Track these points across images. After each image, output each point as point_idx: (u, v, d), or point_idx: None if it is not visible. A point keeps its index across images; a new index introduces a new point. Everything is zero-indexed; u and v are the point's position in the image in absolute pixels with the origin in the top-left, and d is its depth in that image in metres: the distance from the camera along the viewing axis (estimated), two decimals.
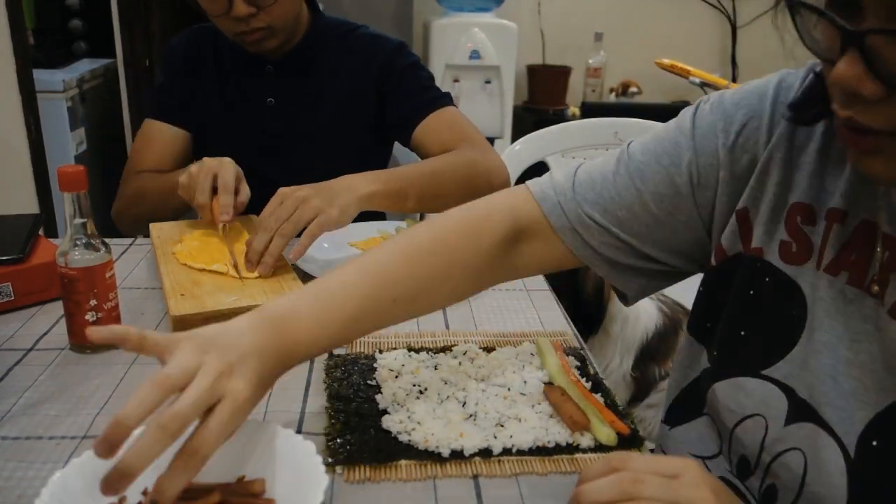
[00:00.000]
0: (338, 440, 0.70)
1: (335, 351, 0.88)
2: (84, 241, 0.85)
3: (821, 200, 0.64)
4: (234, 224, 1.17)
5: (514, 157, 1.59)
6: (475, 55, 2.85)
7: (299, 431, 0.73)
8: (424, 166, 1.23)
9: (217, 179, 1.09)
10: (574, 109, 3.14)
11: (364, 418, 0.74)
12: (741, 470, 0.71)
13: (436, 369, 0.83)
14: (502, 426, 0.73)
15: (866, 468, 0.59)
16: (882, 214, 0.60)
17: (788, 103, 0.66)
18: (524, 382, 0.80)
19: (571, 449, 0.71)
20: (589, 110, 3.00)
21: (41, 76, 2.44)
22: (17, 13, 2.17)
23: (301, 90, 1.37)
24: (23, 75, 2.20)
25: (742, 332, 0.70)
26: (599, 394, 0.79)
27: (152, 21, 2.83)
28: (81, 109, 2.81)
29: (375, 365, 0.84)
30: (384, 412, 0.75)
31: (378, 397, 0.77)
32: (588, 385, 0.81)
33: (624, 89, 3.21)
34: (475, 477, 0.68)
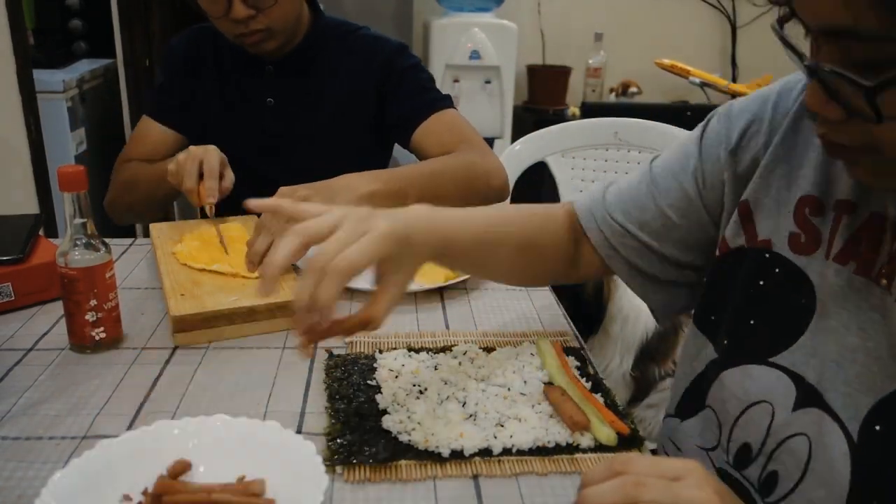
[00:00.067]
0: (338, 440, 0.70)
1: (335, 351, 0.88)
2: (84, 241, 0.85)
3: (828, 192, 0.67)
4: (236, 225, 1.19)
5: (514, 158, 1.59)
6: (475, 55, 2.85)
7: (299, 431, 0.73)
8: (424, 167, 1.23)
9: (203, 165, 1.14)
10: (574, 109, 3.14)
11: (364, 418, 0.74)
12: (740, 459, 0.71)
13: (436, 369, 0.83)
14: (502, 426, 0.73)
15: (869, 452, 0.60)
16: (891, 205, 0.62)
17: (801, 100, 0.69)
18: (524, 382, 0.81)
19: (571, 449, 0.71)
20: (589, 110, 3.00)
21: (41, 76, 2.44)
22: (17, 13, 2.17)
23: (301, 90, 1.37)
24: (23, 75, 2.20)
25: (751, 322, 0.72)
26: (599, 394, 0.79)
27: (152, 21, 2.82)
28: (81, 109, 2.81)
29: (375, 365, 0.84)
30: (384, 412, 0.75)
31: (378, 397, 0.77)
32: (588, 385, 0.81)
33: (624, 89, 3.21)
34: (475, 477, 0.68)
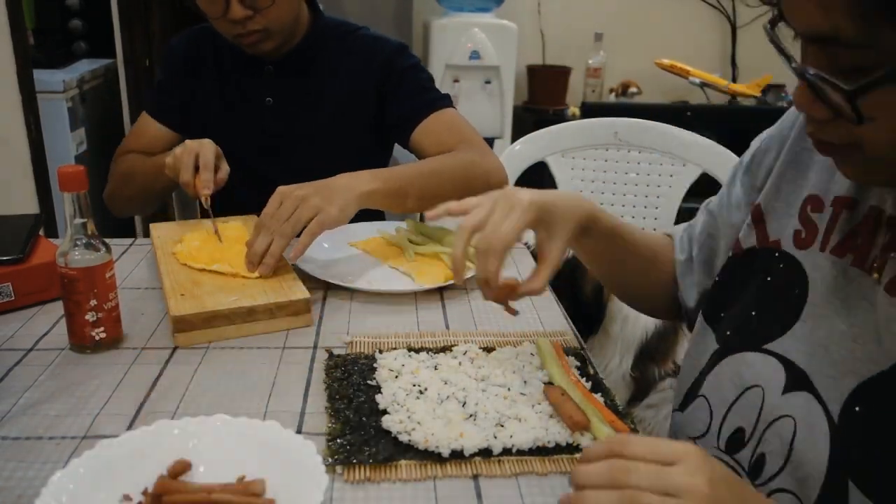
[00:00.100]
0: (338, 440, 0.70)
1: (335, 351, 0.88)
2: (84, 241, 0.85)
3: (829, 190, 0.71)
4: (236, 224, 1.19)
5: (514, 158, 1.59)
6: (475, 55, 2.85)
7: (299, 431, 0.73)
8: (423, 166, 1.23)
9: (199, 158, 1.16)
10: (574, 109, 3.14)
11: (364, 418, 0.74)
12: (734, 444, 0.73)
13: (436, 369, 0.83)
14: (502, 426, 0.73)
15: (848, 433, 0.62)
16: (889, 199, 0.64)
17: None
18: (524, 382, 0.81)
19: (571, 449, 0.71)
20: (589, 110, 3.00)
21: (41, 76, 2.44)
22: (17, 13, 2.17)
23: (301, 90, 1.37)
24: (23, 75, 2.20)
25: (753, 313, 0.76)
26: (599, 394, 0.79)
27: (152, 21, 2.82)
28: (81, 109, 2.81)
29: (375, 365, 0.84)
30: (384, 412, 0.75)
31: (378, 397, 0.77)
32: (588, 385, 0.81)
33: (624, 89, 3.21)
34: (475, 477, 0.68)
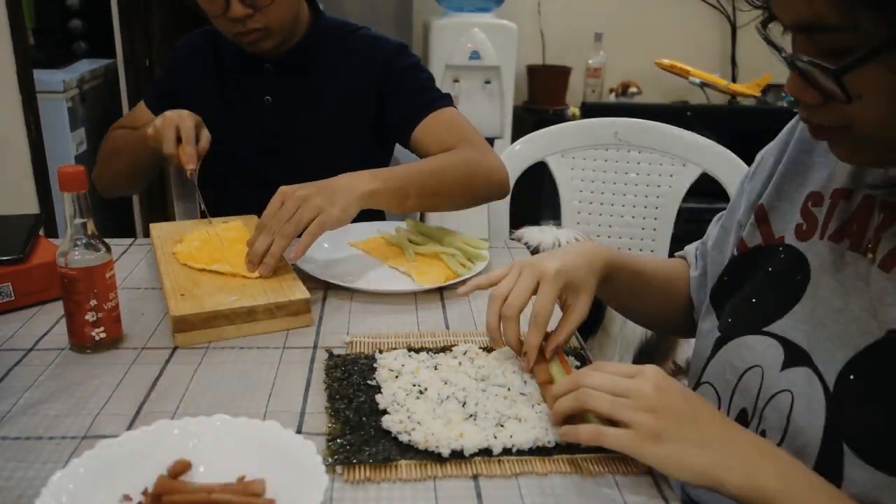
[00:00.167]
0: (338, 440, 0.70)
1: (335, 351, 0.88)
2: (84, 241, 0.85)
3: (828, 186, 0.76)
4: (236, 224, 1.19)
5: (514, 157, 1.59)
6: (475, 55, 2.85)
7: (299, 431, 0.73)
8: (424, 165, 1.23)
9: (180, 131, 1.17)
10: (574, 109, 3.14)
11: (364, 418, 0.74)
12: (739, 423, 0.73)
13: (436, 369, 0.83)
14: (502, 426, 0.73)
15: (843, 400, 0.66)
16: (881, 188, 0.68)
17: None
18: (524, 382, 0.81)
19: (571, 449, 0.71)
20: (589, 110, 3.00)
21: (41, 76, 2.44)
22: (17, 13, 2.17)
23: (300, 90, 1.37)
24: (23, 75, 2.20)
25: (753, 300, 0.79)
26: None
27: (152, 21, 2.83)
28: (81, 109, 2.81)
29: (375, 365, 0.84)
30: (384, 412, 0.75)
31: (378, 397, 0.77)
32: None
33: (624, 89, 3.21)
34: (475, 477, 0.68)
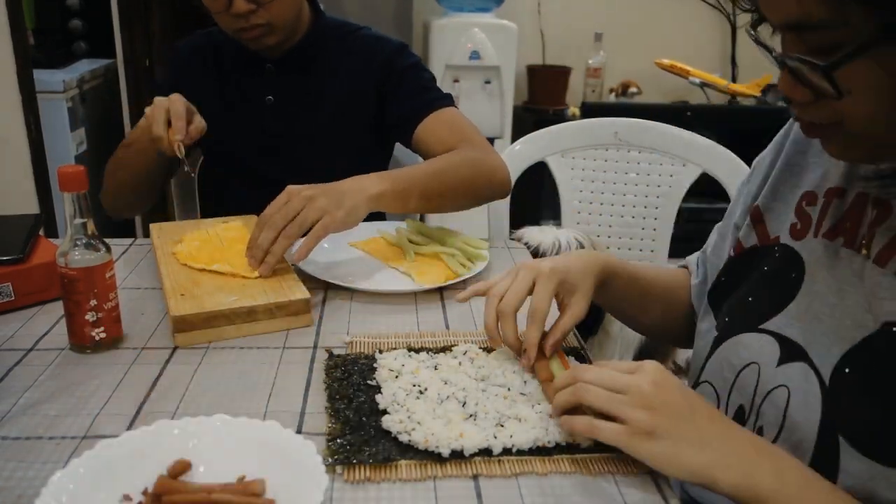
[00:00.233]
0: (338, 440, 0.70)
1: (335, 351, 0.88)
2: (84, 241, 0.85)
3: (822, 185, 0.76)
4: (236, 224, 1.19)
5: (514, 157, 1.58)
6: (475, 55, 2.85)
7: (299, 431, 0.73)
8: (428, 166, 1.23)
9: (170, 113, 1.17)
10: (574, 109, 3.14)
11: (364, 418, 0.74)
12: (737, 422, 0.73)
13: (436, 369, 0.83)
14: (502, 426, 0.73)
15: (838, 393, 0.67)
16: (873, 186, 0.69)
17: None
18: (524, 382, 0.81)
19: (571, 449, 0.71)
20: (589, 110, 3.00)
21: (41, 76, 2.44)
22: (17, 13, 2.17)
23: (301, 89, 1.37)
24: (23, 75, 2.20)
25: (749, 299, 0.80)
26: None
27: (152, 21, 2.83)
28: (81, 109, 2.81)
29: (375, 365, 0.84)
30: (384, 412, 0.75)
31: (378, 397, 0.77)
32: None
33: (624, 89, 3.21)
34: (475, 477, 0.68)
